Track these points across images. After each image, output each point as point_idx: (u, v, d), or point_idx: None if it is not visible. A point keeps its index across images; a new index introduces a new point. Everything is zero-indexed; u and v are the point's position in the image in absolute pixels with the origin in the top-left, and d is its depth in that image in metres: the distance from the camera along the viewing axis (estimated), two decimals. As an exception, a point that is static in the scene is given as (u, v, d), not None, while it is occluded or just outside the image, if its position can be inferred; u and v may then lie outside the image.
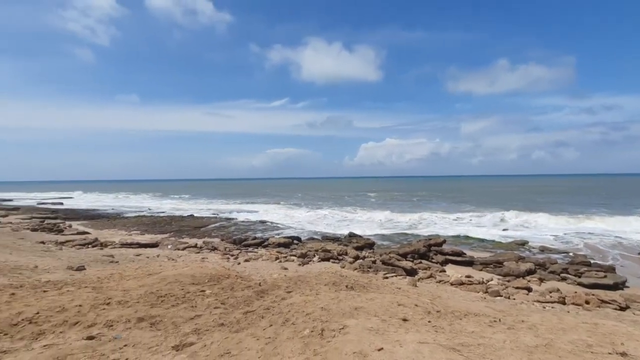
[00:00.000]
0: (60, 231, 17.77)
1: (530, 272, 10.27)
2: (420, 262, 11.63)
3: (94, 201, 48.09)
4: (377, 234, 18.99)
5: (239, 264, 10.77)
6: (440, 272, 10.56)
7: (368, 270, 10.05)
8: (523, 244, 15.40)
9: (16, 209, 32.94)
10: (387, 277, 9.38)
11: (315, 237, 18.04)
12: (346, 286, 6.65)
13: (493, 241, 16.40)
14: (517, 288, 8.73)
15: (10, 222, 20.94)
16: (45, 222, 21.38)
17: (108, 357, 3.34)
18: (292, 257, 12.10)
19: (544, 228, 19.88)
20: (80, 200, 49.09)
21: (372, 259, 11.81)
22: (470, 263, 11.78)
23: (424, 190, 69.37)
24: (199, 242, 15.32)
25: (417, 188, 79.84)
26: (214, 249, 13.74)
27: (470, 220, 23.27)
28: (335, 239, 16.88)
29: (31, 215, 26.28)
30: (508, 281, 9.59)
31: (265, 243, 15.09)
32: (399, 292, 6.40)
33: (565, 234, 17.77)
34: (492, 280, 9.72)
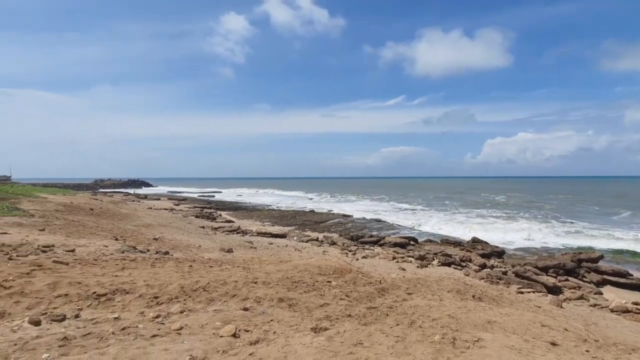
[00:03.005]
0: (213, 219, 21.77)
1: None
2: (567, 280, 9.88)
3: (236, 195, 56.87)
4: (506, 241, 16.90)
5: (357, 260, 11.17)
6: (595, 294, 8.78)
7: (498, 282, 9.10)
8: None
9: (184, 199, 41.92)
10: (521, 292, 8.32)
11: (433, 239, 17.20)
12: (473, 296, 6.24)
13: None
14: None
15: (181, 210, 26.79)
16: (204, 211, 26.55)
17: (260, 328, 4.01)
18: (410, 258, 11.89)
19: None
20: (226, 195, 58.74)
21: (503, 269, 10.62)
22: (638, 287, 9.42)
23: (569, 192, 57.66)
24: (320, 236, 16.50)
25: (560, 190, 67.00)
26: (333, 243, 14.60)
27: (639, 232, 18.34)
28: (456, 243, 15.76)
29: (194, 205, 33.06)
30: (703, 318, 7.29)
31: (382, 242, 15.21)
32: (539, 312, 5.63)
33: None
34: (675, 313, 7.55)
